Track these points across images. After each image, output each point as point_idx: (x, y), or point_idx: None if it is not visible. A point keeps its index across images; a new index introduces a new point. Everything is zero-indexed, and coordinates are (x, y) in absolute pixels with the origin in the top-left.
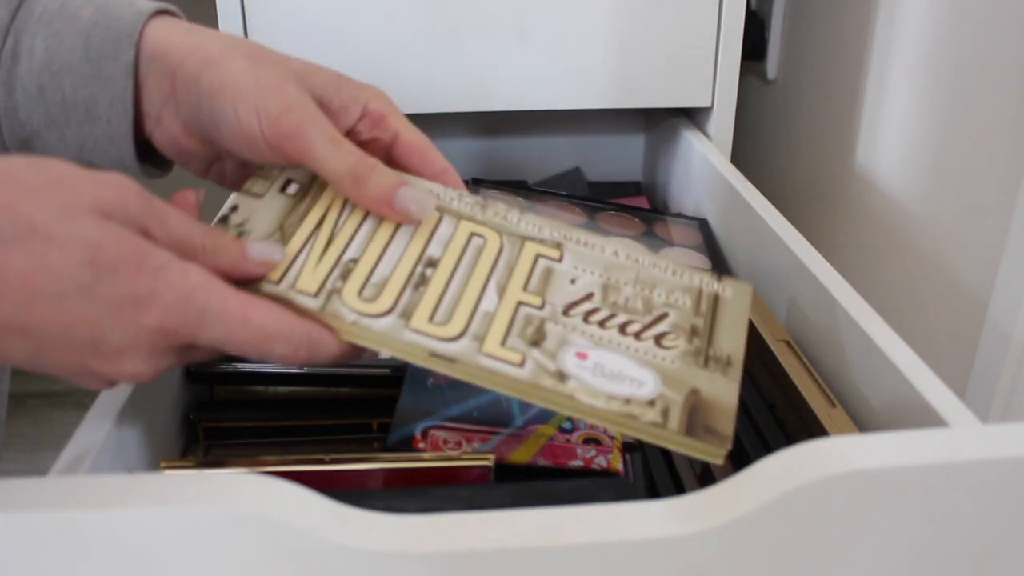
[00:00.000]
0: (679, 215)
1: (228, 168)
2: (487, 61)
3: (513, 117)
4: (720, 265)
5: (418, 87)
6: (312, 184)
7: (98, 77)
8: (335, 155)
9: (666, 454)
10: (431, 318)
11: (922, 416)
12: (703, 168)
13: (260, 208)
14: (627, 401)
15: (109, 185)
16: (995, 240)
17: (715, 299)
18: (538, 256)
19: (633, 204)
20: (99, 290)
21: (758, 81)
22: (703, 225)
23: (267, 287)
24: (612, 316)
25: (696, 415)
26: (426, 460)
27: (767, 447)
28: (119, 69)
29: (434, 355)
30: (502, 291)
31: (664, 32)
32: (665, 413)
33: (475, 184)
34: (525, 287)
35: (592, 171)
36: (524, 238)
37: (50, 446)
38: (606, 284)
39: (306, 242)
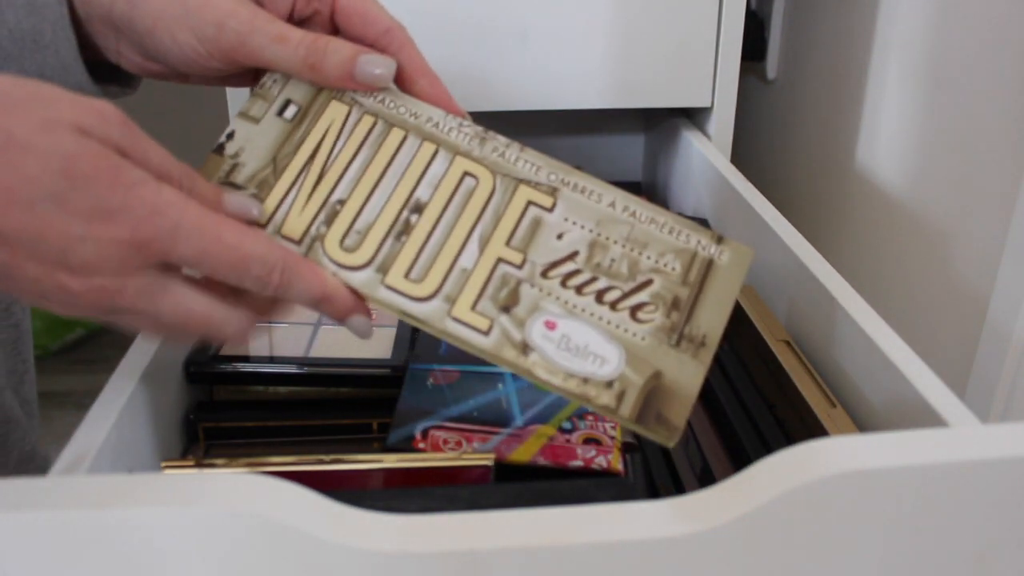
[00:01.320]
0: (679, 215)
1: (209, 73)
2: (487, 61)
3: (513, 117)
4: None
5: None
6: (311, 105)
7: (35, 8)
8: (283, 53)
9: (666, 454)
10: (407, 274)
11: (922, 416)
12: (703, 168)
13: (256, 135)
14: (585, 380)
15: (91, 109)
16: (995, 240)
17: (708, 266)
18: (529, 204)
19: None
20: (72, 200)
21: (758, 81)
22: (703, 225)
23: None
24: (592, 280)
25: (651, 402)
26: (426, 460)
27: (767, 447)
28: None
29: (405, 314)
30: (484, 244)
31: (664, 32)
32: (620, 397)
33: None
34: (509, 241)
35: (592, 171)
36: (519, 180)
37: (50, 446)
38: (594, 241)
39: (297, 176)
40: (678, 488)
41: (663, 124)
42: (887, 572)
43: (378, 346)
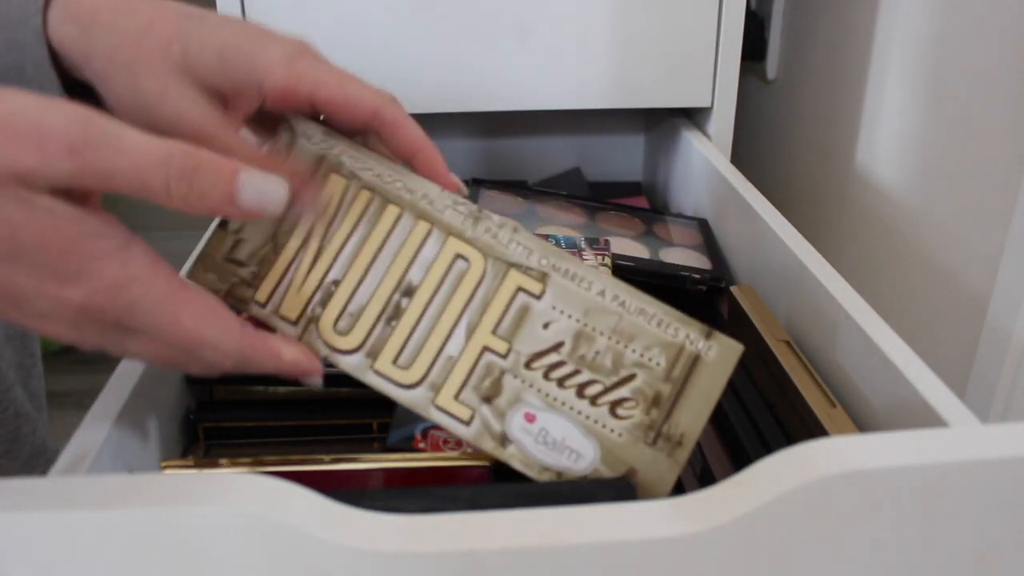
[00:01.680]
0: (679, 215)
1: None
2: (487, 61)
3: (513, 117)
4: (720, 265)
5: (418, 87)
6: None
7: (15, 43)
8: (243, 150)
9: None
10: (395, 359)
11: (922, 416)
12: (703, 168)
13: None
14: (559, 475)
15: (28, 143)
16: (995, 240)
17: (695, 361)
18: (518, 290)
19: (633, 204)
20: (22, 262)
21: (758, 81)
22: (703, 225)
23: (254, 308)
24: (575, 373)
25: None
26: (426, 460)
27: (767, 447)
28: (30, 36)
29: (392, 398)
30: (471, 331)
31: (664, 32)
32: None
33: (475, 184)
34: (496, 329)
35: (592, 171)
36: (510, 265)
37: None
38: (580, 332)
39: (296, 254)
40: (678, 488)
41: (663, 124)
42: (887, 572)
43: None
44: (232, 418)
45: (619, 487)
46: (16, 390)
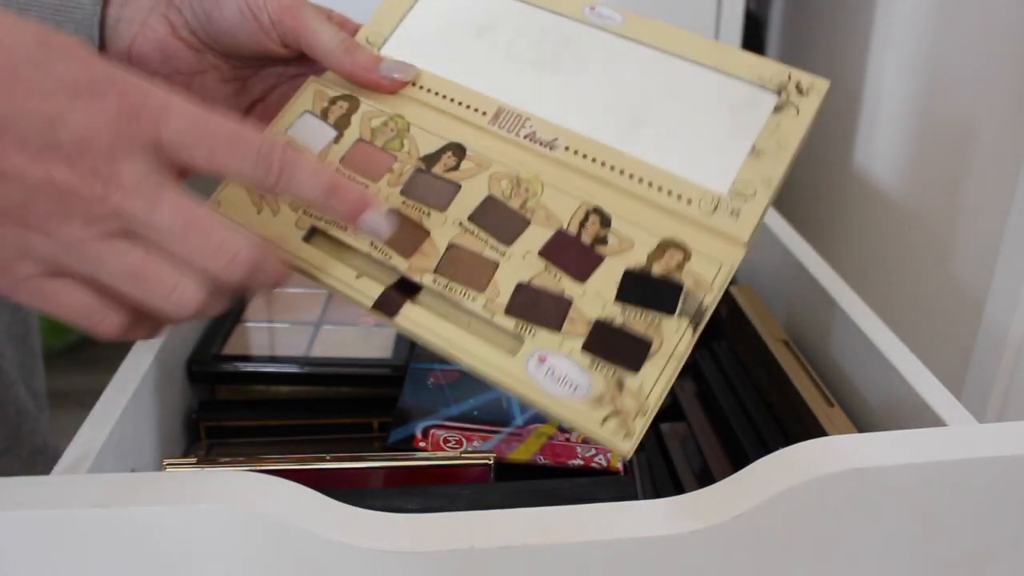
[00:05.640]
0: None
1: (210, 81)
2: None
3: None
4: None
5: None
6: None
7: (63, 9)
8: (329, 29)
9: (665, 454)
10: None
11: (919, 415)
12: None
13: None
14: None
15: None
16: (992, 240)
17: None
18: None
19: None
20: (52, 67)
21: None
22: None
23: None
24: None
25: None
26: (426, 459)
27: (766, 447)
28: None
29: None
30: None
31: None
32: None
33: None
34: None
35: None
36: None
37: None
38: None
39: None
40: (677, 487)
41: None
42: (885, 570)
43: (378, 346)
44: (234, 417)
45: (619, 485)
46: (18, 388)
